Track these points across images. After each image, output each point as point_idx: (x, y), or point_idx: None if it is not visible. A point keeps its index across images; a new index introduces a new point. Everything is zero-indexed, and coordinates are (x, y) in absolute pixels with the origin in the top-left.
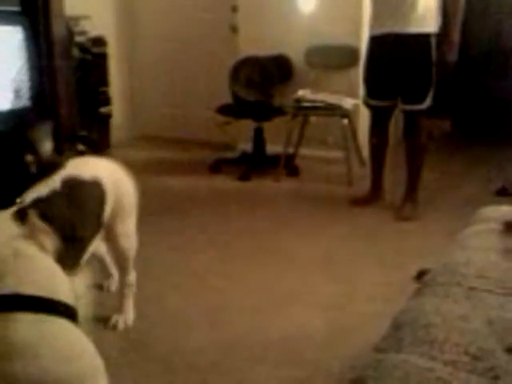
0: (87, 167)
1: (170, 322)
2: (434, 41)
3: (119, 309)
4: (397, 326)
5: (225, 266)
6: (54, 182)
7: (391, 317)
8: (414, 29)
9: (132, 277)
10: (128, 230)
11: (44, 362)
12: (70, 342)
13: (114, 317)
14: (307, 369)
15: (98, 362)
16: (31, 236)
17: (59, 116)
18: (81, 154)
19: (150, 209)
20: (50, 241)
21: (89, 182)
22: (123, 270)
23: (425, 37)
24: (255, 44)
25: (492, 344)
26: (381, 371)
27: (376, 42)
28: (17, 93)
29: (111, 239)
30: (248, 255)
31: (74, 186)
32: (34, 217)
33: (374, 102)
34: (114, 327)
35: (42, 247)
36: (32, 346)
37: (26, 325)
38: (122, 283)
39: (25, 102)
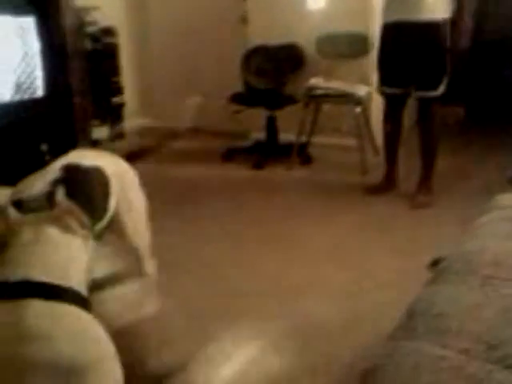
0: (87, 158)
1: (181, 309)
2: (446, 27)
3: None
4: (410, 314)
5: (237, 255)
6: (52, 173)
7: (404, 305)
8: (426, 16)
9: (149, 269)
10: (137, 227)
11: (58, 346)
12: (82, 326)
13: None
14: (319, 358)
15: (111, 348)
16: (58, 218)
17: (73, 106)
18: (95, 144)
19: (163, 198)
20: (77, 221)
21: (90, 169)
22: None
23: (437, 23)
24: (265, 33)
25: (507, 332)
26: (394, 360)
27: (388, 29)
28: (30, 83)
29: (119, 237)
30: (260, 243)
31: (74, 173)
32: (60, 197)
33: (387, 90)
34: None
35: (68, 229)
36: (45, 330)
37: (39, 310)
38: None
39: (38, 92)
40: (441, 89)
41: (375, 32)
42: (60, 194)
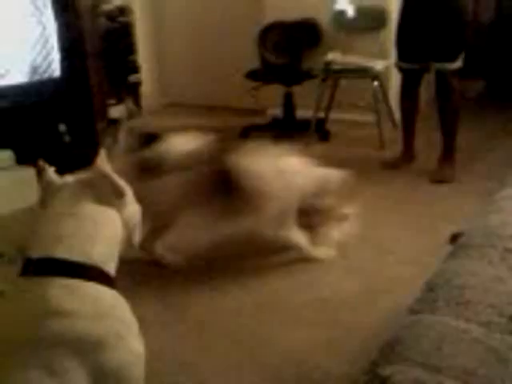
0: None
1: (204, 286)
2: (466, 1)
3: None
4: (431, 287)
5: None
6: None
7: (424, 280)
8: None
9: None
10: None
11: (82, 322)
12: (105, 304)
13: None
14: (341, 330)
15: (134, 325)
16: (94, 186)
17: (90, 86)
18: (113, 122)
19: None
20: (114, 190)
21: None
22: None
23: None
24: (282, 8)
25: None
26: (415, 333)
27: (409, 3)
28: (47, 64)
29: None
30: None
31: None
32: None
33: (405, 65)
34: None
35: (103, 199)
36: (69, 307)
37: (61, 287)
38: None
39: (55, 73)
40: (458, 62)
41: (392, 5)
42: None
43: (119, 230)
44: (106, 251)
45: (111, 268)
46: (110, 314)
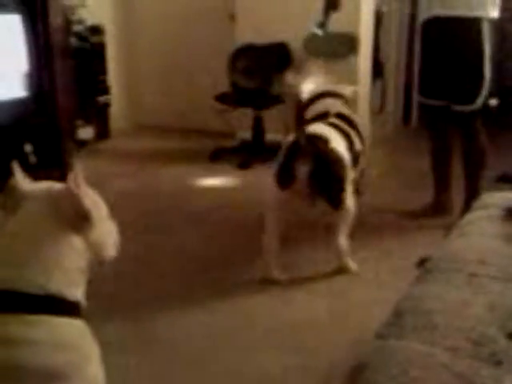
0: None
1: (168, 309)
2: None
3: None
4: (398, 312)
5: (225, 254)
6: None
7: (393, 303)
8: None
9: None
10: None
11: (42, 352)
12: (65, 333)
13: None
14: (309, 356)
15: (95, 353)
16: (57, 206)
17: (58, 106)
18: (81, 144)
19: (150, 199)
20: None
21: None
22: None
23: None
24: (253, 32)
25: (494, 330)
26: (382, 358)
27: (425, 27)
28: (15, 83)
29: None
30: (249, 244)
31: None
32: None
33: (427, 101)
34: None
35: (64, 219)
36: (27, 336)
37: (14, 322)
38: None
39: (23, 92)
40: (478, 102)
41: (363, 32)
42: None
43: (81, 255)
44: (66, 279)
45: (76, 294)
46: (67, 345)
